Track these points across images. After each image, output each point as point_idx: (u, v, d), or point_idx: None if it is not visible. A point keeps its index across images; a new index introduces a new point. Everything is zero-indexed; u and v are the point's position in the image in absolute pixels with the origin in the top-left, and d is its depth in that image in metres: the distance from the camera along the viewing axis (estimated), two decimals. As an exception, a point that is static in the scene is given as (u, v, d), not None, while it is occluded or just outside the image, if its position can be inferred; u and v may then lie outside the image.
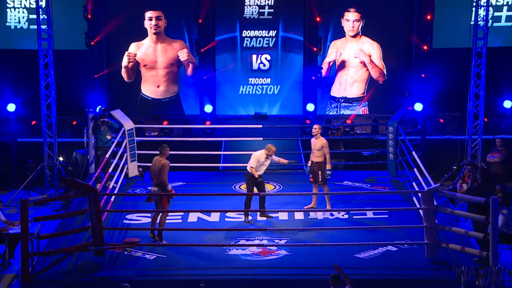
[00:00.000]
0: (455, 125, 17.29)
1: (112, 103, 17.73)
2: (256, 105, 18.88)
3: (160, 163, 11.00)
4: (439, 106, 17.71)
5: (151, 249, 10.61)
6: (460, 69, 17.35)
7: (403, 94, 17.90)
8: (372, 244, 10.64)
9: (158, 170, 10.98)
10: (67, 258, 10.21)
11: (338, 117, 18.47)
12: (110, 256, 10.44)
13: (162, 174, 10.95)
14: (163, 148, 11.20)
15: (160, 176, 10.97)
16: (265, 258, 10.41)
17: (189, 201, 12.52)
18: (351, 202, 12.76)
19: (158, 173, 10.97)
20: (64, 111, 16.59)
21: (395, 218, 11.82)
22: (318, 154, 11.99)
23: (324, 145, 11.99)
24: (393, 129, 14.49)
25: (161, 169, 10.96)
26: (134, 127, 14.50)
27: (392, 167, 14.67)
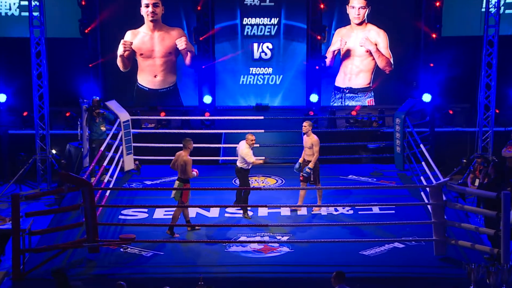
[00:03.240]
0: (465, 117, 17.24)
1: (107, 94, 17.69)
2: (258, 95, 18.83)
3: (183, 160, 11.07)
4: (448, 97, 17.65)
5: (147, 246, 10.60)
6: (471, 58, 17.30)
7: (411, 84, 17.85)
8: (378, 240, 10.63)
9: (181, 166, 11.04)
10: (60, 255, 10.20)
11: (343, 109, 18.42)
12: (105, 253, 10.43)
13: (187, 171, 11.02)
14: (187, 142, 11.21)
15: (185, 173, 11.03)
16: (266, 255, 10.40)
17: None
18: (356, 197, 12.74)
19: (182, 169, 11.04)
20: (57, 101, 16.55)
21: (402, 214, 11.80)
22: (310, 152, 11.92)
23: (314, 143, 11.87)
24: (400, 121, 14.46)
25: (184, 166, 11.04)
26: (130, 118, 14.47)
27: (399, 160, 14.65)
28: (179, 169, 11.08)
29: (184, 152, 11.13)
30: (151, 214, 12.03)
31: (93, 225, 10.14)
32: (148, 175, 14.39)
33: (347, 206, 12.15)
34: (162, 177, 14.18)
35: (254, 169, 13.64)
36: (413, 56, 18.16)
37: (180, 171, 11.08)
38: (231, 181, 13.68)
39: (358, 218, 11.79)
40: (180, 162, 11.06)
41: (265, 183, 13.77)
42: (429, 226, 10.53)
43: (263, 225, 11.25)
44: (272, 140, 15.75)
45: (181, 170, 11.08)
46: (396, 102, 16.90)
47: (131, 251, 10.50)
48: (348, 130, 16.64)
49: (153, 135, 15.83)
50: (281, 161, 15.02)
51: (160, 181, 14.00)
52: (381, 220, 11.52)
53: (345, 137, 16.10)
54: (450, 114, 17.08)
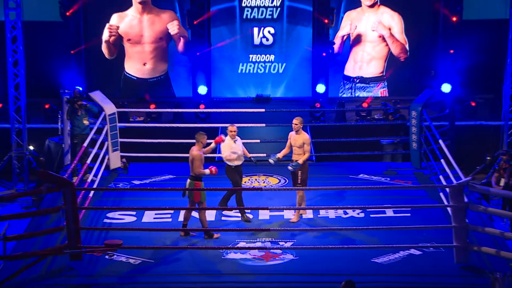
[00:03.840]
0: (489, 109, 17.23)
1: (91, 84, 17.67)
2: (258, 86, 18.82)
3: (192, 155, 11.12)
4: (470, 87, 17.63)
5: (136, 252, 10.58)
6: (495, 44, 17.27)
7: (428, 73, 17.85)
8: (392, 247, 10.60)
9: (190, 161, 11.12)
10: (38, 262, 10.18)
11: (353, 100, 18.41)
12: (89, 260, 10.41)
13: (195, 167, 11.07)
14: (199, 136, 11.23)
15: (193, 168, 11.08)
16: (268, 263, 10.39)
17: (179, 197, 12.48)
18: (368, 198, 12.72)
19: (191, 167, 11.12)
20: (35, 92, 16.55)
21: (419, 217, 11.79)
22: (299, 151, 11.85)
23: (306, 142, 11.79)
24: (416, 114, 14.43)
25: (193, 161, 11.07)
26: (117, 111, 14.45)
27: (415, 157, 14.63)
28: (191, 167, 11.11)
29: (196, 147, 11.15)
30: (139, 218, 12.01)
31: (75, 230, 10.11)
32: (137, 174, 14.36)
33: (357, 209, 12.14)
34: (152, 176, 14.16)
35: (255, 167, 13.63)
36: (431, 42, 18.13)
37: (192, 169, 11.10)
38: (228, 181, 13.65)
39: (370, 221, 11.76)
40: (190, 157, 11.09)
41: (266, 182, 13.74)
42: (449, 231, 10.50)
43: (264, 229, 11.22)
44: (274, 135, 15.74)
45: (192, 168, 11.10)
46: (412, 92, 16.88)
47: (118, 259, 10.48)
48: (358, 124, 16.62)
49: (142, 130, 15.80)
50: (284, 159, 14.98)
51: (150, 180, 13.97)
52: (396, 224, 11.49)
53: (355, 131, 16.09)
54: (472, 106, 17.06)
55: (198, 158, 11.10)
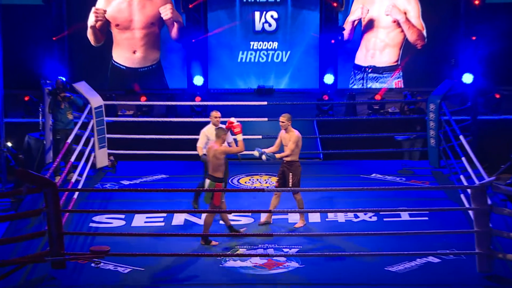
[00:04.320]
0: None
1: (75, 73, 17.66)
2: (260, 76, 18.81)
3: (213, 153, 11.06)
4: (494, 77, 17.61)
5: (125, 260, 10.57)
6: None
7: (448, 62, 17.83)
8: (408, 254, 10.58)
9: (212, 160, 11.07)
10: (17, 271, 10.15)
11: (365, 92, 18.40)
12: (73, 268, 10.40)
13: (217, 166, 11.01)
14: (220, 131, 11.21)
15: (214, 168, 11.04)
16: (270, 272, 10.38)
17: (173, 199, 12.47)
18: (381, 200, 12.70)
19: (214, 165, 11.06)
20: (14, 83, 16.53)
21: (437, 221, 11.78)
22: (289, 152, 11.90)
23: (292, 139, 11.76)
24: (435, 107, 14.41)
25: (216, 161, 11.02)
26: (104, 104, 14.44)
27: (433, 155, 14.62)
28: (211, 165, 11.06)
29: (217, 143, 11.09)
30: (129, 222, 12.00)
31: (57, 235, 10.10)
32: (126, 173, 14.35)
33: (369, 212, 12.12)
34: (142, 176, 14.15)
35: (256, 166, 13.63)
36: (451, 27, 18.11)
37: (212, 167, 11.06)
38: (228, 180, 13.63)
39: (383, 226, 11.75)
40: (211, 156, 11.04)
41: (269, 183, 13.73)
42: (470, 236, 10.48)
43: (266, 234, 11.21)
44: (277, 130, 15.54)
45: (212, 165, 11.05)
46: (430, 83, 16.87)
47: (105, 267, 10.47)
48: (370, 118, 16.59)
49: (131, 125, 15.78)
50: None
51: (141, 180, 13.97)
52: (412, 228, 11.49)
53: (367, 126, 16.07)
54: (497, 98, 17.04)
55: (221, 154, 11.01)
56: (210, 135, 12.00)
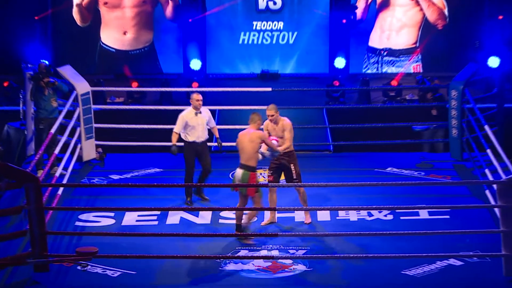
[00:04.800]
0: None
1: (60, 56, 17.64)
2: (263, 60, 18.79)
3: (249, 136, 11.04)
4: (523, 61, 17.57)
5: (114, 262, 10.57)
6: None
7: (472, 44, 17.79)
8: (428, 256, 10.58)
9: (246, 146, 11.06)
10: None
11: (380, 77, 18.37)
12: (57, 271, 10.41)
13: (252, 153, 11.01)
14: (256, 116, 11.29)
15: (249, 156, 11.04)
16: (275, 276, 10.39)
17: (168, 195, 12.49)
18: (398, 196, 12.71)
19: (247, 151, 11.06)
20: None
21: (459, 220, 11.78)
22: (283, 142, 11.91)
23: (286, 127, 11.81)
24: (457, 94, 14.39)
25: (251, 144, 11.00)
26: (91, 90, 14.43)
27: (455, 147, 14.60)
28: (245, 152, 11.06)
29: (252, 128, 11.15)
30: (119, 220, 12.01)
31: (40, 235, 10.10)
32: (115, 167, 14.36)
33: (384, 209, 12.12)
34: (134, 170, 14.17)
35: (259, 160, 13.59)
36: (475, 6, 18.06)
37: (246, 155, 11.04)
38: (227, 176, 13.63)
39: (400, 225, 11.76)
40: (246, 140, 11.00)
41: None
42: (496, 237, 10.48)
43: (271, 234, 11.21)
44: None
45: (246, 153, 11.03)
46: (452, 68, 16.85)
47: (92, 270, 10.48)
48: (386, 106, 16.57)
49: (122, 113, 15.77)
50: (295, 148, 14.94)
51: (132, 175, 13.98)
52: (431, 228, 11.48)
53: (382, 115, 16.04)
54: (526, 84, 17.02)
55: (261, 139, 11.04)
56: (190, 120, 12.30)
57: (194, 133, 12.40)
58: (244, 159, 11.16)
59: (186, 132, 12.41)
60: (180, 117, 12.45)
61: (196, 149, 12.39)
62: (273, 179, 11.98)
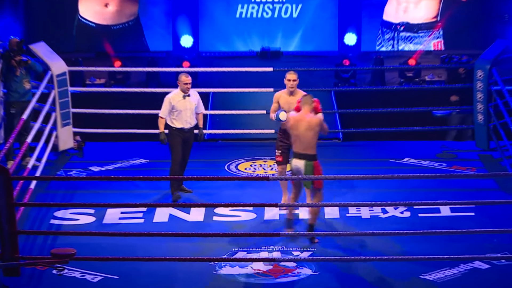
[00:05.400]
0: None
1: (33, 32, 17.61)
2: (264, 36, 18.77)
3: (307, 124, 10.97)
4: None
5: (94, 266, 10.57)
6: None
7: (501, 18, 17.76)
8: (449, 258, 10.57)
9: (304, 135, 10.98)
10: (-40, 279, 10.19)
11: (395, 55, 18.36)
12: (30, 276, 10.42)
13: (312, 141, 10.96)
14: (308, 98, 11.16)
15: (308, 144, 10.97)
16: (277, 281, 10.39)
17: (155, 189, 12.49)
18: (416, 191, 12.71)
19: (306, 140, 10.98)
20: (-45, 45, 16.48)
21: (486, 217, 11.80)
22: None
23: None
24: (483, 75, 14.37)
25: (310, 133, 10.95)
26: (68, 70, 14.42)
27: (481, 135, 14.60)
28: (303, 141, 11.01)
29: (306, 112, 11.04)
30: (100, 218, 12.01)
31: (10, 234, 10.10)
32: (96, 157, 14.37)
33: (401, 206, 12.11)
34: (116, 161, 14.19)
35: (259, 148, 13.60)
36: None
37: (304, 143, 10.99)
38: (223, 167, 13.63)
39: (418, 223, 11.77)
40: (304, 129, 10.94)
41: (275, 169, 13.70)
42: (527, 236, 10.51)
43: (272, 234, 11.20)
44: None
45: (305, 141, 10.99)
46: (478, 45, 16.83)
47: (70, 274, 10.48)
48: (403, 88, 16.55)
49: (103, 96, 15.74)
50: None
51: (114, 167, 13.99)
52: (454, 226, 11.49)
53: (398, 99, 16.04)
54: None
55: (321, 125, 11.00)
56: (177, 104, 12.33)
57: (181, 119, 12.39)
58: (301, 147, 11.03)
59: (172, 117, 12.41)
60: (166, 100, 12.48)
61: (183, 137, 12.38)
62: (282, 159, 12.00)
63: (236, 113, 14.96)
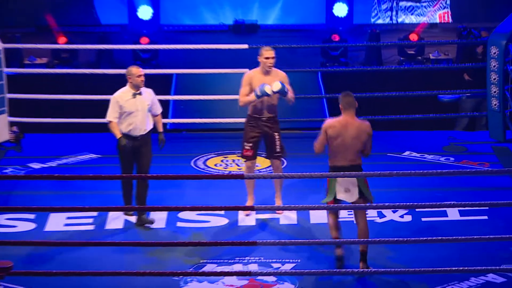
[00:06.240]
0: None
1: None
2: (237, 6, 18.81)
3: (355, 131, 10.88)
4: None
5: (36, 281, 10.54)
6: None
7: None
8: (459, 270, 10.61)
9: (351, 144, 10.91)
10: None
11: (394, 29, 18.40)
12: (-44, 295, 10.40)
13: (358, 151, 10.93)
14: (350, 97, 10.99)
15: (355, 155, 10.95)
16: (253, 298, 10.41)
17: (107, 190, 12.47)
18: (418, 190, 12.76)
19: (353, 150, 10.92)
20: None
21: (501, 222, 11.90)
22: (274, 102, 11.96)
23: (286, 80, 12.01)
24: (498, 52, 14.43)
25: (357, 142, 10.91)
26: (3, 47, 14.39)
27: (496, 123, 14.68)
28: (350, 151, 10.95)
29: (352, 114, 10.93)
30: (41, 224, 12.01)
31: None
32: (37, 152, 14.36)
33: (401, 208, 12.17)
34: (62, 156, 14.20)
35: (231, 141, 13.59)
36: None
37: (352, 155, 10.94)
38: (189, 163, 13.64)
39: (422, 229, 11.85)
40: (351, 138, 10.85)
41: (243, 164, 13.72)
42: (550, 244, 10.57)
43: (247, 242, 11.20)
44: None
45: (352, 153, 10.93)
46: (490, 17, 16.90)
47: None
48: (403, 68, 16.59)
49: (45, 79, 15.69)
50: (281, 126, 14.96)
51: (59, 163, 14.01)
52: (463, 232, 11.57)
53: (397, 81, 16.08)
54: None
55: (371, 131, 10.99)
56: (125, 104, 11.72)
57: (130, 123, 11.77)
58: (347, 159, 10.96)
59: (120, 120, 11.80)
60: (113, 100, 11.80)
61: (133, 145, 11.80)
62: (252, 154, 12.02)
63: (204, 98, 14.94)
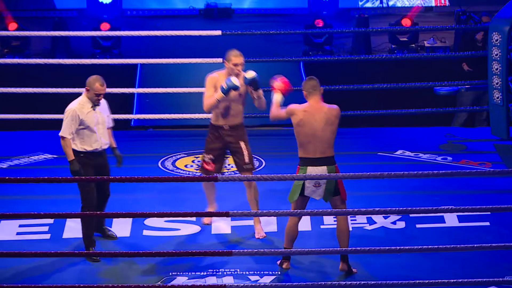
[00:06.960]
0: None
1: None
2: (209, -12, 18.84)
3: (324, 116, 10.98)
4: None
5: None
6: None
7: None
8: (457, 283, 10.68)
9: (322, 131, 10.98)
10: None
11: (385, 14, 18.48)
12: None
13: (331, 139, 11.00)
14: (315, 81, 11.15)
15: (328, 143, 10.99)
16: (228, 314, 10.48)
17: (64, 195, 12.48)
18: (413, 193, 12.82)
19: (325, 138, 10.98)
20: None
21: (504, 228, 12.00)
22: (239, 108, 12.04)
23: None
24: (501, 39, 14.50)
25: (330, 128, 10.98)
26: None
27: (498, 118, 14.73)
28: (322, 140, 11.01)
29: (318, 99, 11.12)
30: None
31: None
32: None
33: (393, 214, 12.25)
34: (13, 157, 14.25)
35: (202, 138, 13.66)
36: None
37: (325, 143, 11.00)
38: (156, 164, 13.68)
39: (416, 237, 11.92)
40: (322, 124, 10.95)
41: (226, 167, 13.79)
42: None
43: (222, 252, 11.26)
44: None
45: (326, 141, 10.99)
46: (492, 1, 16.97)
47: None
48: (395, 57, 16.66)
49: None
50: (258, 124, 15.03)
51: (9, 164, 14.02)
52: (462, 241, 11.68)
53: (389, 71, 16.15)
54: None
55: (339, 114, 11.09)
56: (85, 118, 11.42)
57: (92, 139, 11.51)
58: (319, 150, 11.02)
59: (80, 137, 11.49)
60: (73, 113, 11.37)
61: (96, 163, 11.59)
62: (213, 169, 12.02)
63: (173, 91, 14.95)
